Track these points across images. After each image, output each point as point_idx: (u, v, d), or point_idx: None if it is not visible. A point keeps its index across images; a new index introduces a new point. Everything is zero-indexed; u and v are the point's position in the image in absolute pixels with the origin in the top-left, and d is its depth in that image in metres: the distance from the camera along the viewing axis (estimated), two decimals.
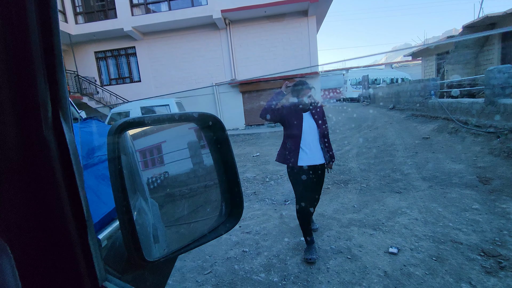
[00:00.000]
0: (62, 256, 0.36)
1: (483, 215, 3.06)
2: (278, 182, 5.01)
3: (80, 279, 0.38)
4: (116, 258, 0.52)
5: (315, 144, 2.46)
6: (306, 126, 2.44)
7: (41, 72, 0.33)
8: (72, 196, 0.36)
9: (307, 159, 2.44)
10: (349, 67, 27.58)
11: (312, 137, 2.45)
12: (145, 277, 0.54)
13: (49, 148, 0.34)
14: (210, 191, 0.85)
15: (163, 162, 0.89)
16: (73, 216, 0.36)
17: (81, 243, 0.37)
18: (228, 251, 2.82)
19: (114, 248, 0.55)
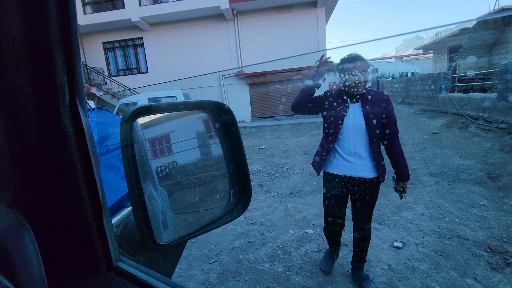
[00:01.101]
0: (79, 236, 0.38)
1: (491, 211, 3.02)
2: (283, 175, 5.02)
3: (95, 258, 0.39)
4: (128, 240, 0.54)
5: (361, 149, 1.74)
6: (349, 123, 1.74)
7: (59, 57, 0.34)
8: (88, 179, 0.37)
9: (342, 166, 1.81)
10: None
11: (356, 138, 1.74)
12: (157, 259, 0.56)
13: (66, 132, 0.35)
14: (217, 181, 0.87)
15: (171, 152, 0.90)
16: (89, 198, 0.37)
17: (97, 224, 0.39)
18: (233, 241, 2.86)
19: (126, 231, 0.57)
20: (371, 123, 1.69)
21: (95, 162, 0.38)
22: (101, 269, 0.40)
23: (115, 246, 0.42)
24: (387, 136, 1.76)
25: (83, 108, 0.38)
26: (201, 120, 0.91)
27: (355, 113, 1.75)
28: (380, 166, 1.76)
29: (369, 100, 1.72)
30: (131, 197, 0.46)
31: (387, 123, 1.73)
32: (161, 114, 0.85)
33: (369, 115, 1.70)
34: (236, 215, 0.65)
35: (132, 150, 0.47)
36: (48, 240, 0.35)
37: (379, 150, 1.77)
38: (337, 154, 1.82)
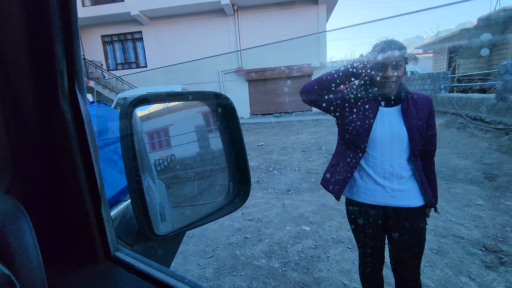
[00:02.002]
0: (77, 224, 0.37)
1: (486, 211, 3.05)
2: (281, 172, 5.03)
3: (93, 247, 0.39)
4: (126, 230, 0.54)
5: (400, 168, 1.30)
6: (384, 133, 1.30)
7: (59, 42, 0.33)
8: (87, 167, 0.37)
9: (373, 192, 1.33)
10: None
11: (394, 154, 1.30)
12: (155, 250, 0.56)
13: (64, 118, 0.35)
14: (216, 175, 0.87)
15: (170, 145, 0.90)
16: (88, 186, 0.37)
17: (95, 212, 0.38)
18: (230, 236, 2.87)
19: (124, 221, 0.57)
20: (415, 134, 1.27)
21: (94, 150, 0.37)
22: (98, 258, 0.40)
23: (113, 235, 0.42)
24: (425, 153, 1.36)
25: (82, 95, 0.37)
26: (201, 113, 0.90)
27: (392, 120, 1.30)
28: (427, 190, 1.32)
29: (412, 105, 1.30)
30: (130, 187, 0.46)
31: (428, 137, 1.33)
32: (160, 106, 0.85)
33: (413, 123, 1.27)
34: (235, 207, 0.65)
35: (132, 139, 0.47)
36: (46, 227, 0.35)
37: (422, 168, 1.35)
38: (365, 175, 1.34)
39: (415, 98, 1.33)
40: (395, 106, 1.33)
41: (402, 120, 1.30)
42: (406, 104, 1.30)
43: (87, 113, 0.37)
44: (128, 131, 0.47)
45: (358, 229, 1.44)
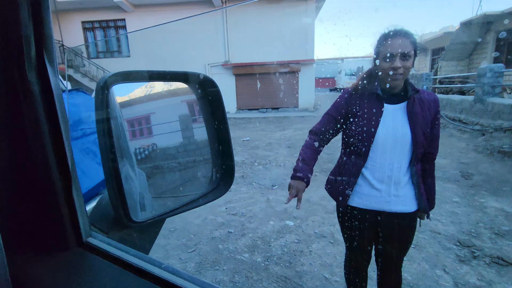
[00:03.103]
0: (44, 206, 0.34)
1: (462, 208, 3.17)
2: (266, 167, 5.03)
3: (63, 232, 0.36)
4: (101, 217, 0.50)
5: (399, 172, 1.22)
6: (385, 133, 1.20)
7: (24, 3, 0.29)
8: (56, 144, 0.34)
9: (368, 197, 1.27)
10: (344, 57, 27.56)
11: (395, 156, 1.21)
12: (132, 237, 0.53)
13: (31, 90, 0.31)
14: (199, 166, 0.83)
15: (151, 134, 0.86)
16: (57, 165, 0.34)
17: (65, 194, 0.35)
18: (213, 231, 2.84)
19: (100, 207, 0.53)
20: (419, 136, 1.17)
21: (64, 126, 0.34)
22: (69, 244, 0.37)
23: (85, 220, 0.39)
24: (426, 156, 1.27)
25: (52, 65, 0.33)
26: (185, 103, 0.86)
27: (395, 118, 1.20)
28: (422, 195, 1.25)
29: (418, 103, 1.19)
30: (105, 169, 0.42)
31: (432, 138, 1.24)
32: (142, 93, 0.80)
33: (418, 124, 1.17)
34: (218, 194, 0.62)
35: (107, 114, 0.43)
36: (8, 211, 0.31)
37: (420, 173, 1.27)
38: (362, 179, 1.27)
39: (421, 96, 1.22)
40: (400, 103, 1.21)
41: (407, 119, 1.19)
42: (412, 102, 1.19)
43: (57, 86, 0.34)
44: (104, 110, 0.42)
45: (350, 233, 1.40)
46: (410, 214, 1.28)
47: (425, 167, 1.30)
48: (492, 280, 2.02)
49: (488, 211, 3.05)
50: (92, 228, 0.46)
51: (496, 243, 2.46)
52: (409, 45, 1.12)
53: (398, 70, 1.12)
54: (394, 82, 1.16)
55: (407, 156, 1.21)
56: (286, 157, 5.58)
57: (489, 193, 3.54)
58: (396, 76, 1.14)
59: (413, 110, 1.18)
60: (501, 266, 2.16)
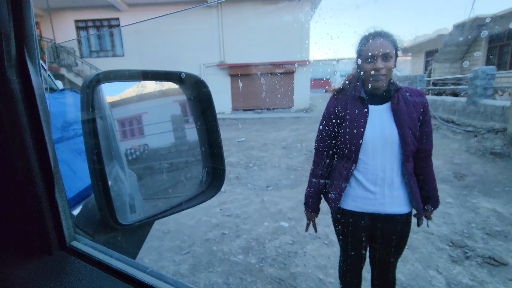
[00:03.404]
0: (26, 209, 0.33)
1: (454, 208, 3.20)
2: (261, 168, 5.02)
3: (46, 236, 0.35)
4: (87, 219, 0.49)
5: (391, 173, 1.22)
6: (374, 135, 1.20)
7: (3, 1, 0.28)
8: (38, 144, 0.32)
9: (362, 200, 1.26)
10: (339, 58, 27.75)
11: (385, 157, 1.21)
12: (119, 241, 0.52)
13: (11, 89, 0.30)
14: (191, 167, 0.82)
15: (143, 134, 0.84)
16: (39, 167, 0.33)
17: (48, 197, 0.34)
18: (207, 232, 2.82)
19: (86, 209, 0.52)
20: (407, 134, 1.16)
21: (46, 126, 0.32)
22: (52, 248, 0.36)
23: (69, 223, 0.37)
24: (421, 153, 1.25)
25: (34, 62, 0.32)
26: (177, 103, 0.85)
27: (382, 119, 1.19)
28: (416, 196, 1.24)
29: (402, 100, 1.19)
30: (91, 171, 0.41)
31: (423, 134, 1.22)
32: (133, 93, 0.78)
33: (404, 122, 1.16)
34: (208, 196, 0.61)
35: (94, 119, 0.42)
36: None
37: (413, 173, 1.25)
38: (355, 181, 1.26)
39: (406, 93, 1.22)
40: (385, 103, 1.21)
41: (392, 119, 1.19)
42: (396, 101, 1.19)
43: (39, 84, 0.32)
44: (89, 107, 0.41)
45: (345, 236, 1.39)
46: (405, 215, 1.27)
47: (421, 165, 1.28)
48: (484, 280, 2.04)
49: (480, 212, 3.09)
50: (77, 231, 0.44)
51: (488, 244, 2.49)
52: (390, 45, 1.13)
53: (381, 71, 1.13)
54: (377, 83, 1.16)
55: (398, 155, 1.21)
56: (281, 158, 5.58)
57: (481, 193, 3.58)
58: (379, 77, 1.14)
59: (398, 108, 1.18)
60: (493, 266, 2.18)
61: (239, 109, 14.02)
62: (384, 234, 1.31)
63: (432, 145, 1.28)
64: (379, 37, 1.14)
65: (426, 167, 1.29)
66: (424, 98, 1.24)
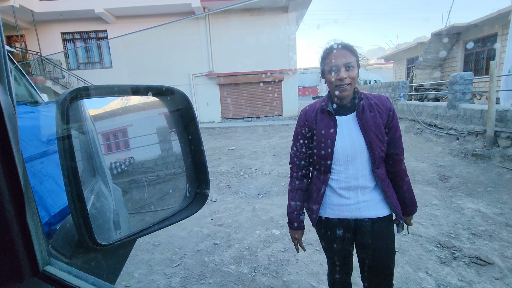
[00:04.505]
0: None
1: (441, 210, 3.28)
2: (252, 176, 5.02)
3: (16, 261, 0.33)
4: (65, 241, 0.48)
5: (363, 179, 1.24)
6: (344, 144, 1.23)
7: None
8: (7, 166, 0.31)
9: (338, 207, 1.28)
10: None
11: (357, 165, 1.24)
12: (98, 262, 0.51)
13: None
14: (179, 178, 0.82)
15: (128, 147, 0.84)
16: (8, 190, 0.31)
17: (18, 220, 0.33)
18: (198, 243, 2.78)
19: (64, 230, 0.51)
20: (374, 141, 1.20)
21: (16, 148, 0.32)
22: (23, 275, 0.34)
23: (43, 247, 0.36)
24: (391, 158, 1.28)
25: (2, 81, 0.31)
26: (163, 115, 0.85)
27: (350, 128, 1.23)
28: (392, 198, 1.26)
29: (367, 108, 1.22)
30: (67, 190, 0.40)
31: (391, 139, 1.25)
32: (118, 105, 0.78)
33: (370, 130, 1.20)
34: (192, 211, 0.61)
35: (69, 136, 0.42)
36: None
37: (386, 177, 1.28)
38: (331, 190, 1.29)
39: (370, 100, 1.24)
40: (351, 113, 1.24)
41: (359, 127, 1.22)
42: (361, 109, 1.22)
43: (8, 103, 0.31)
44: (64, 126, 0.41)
45: (328, 244, 1.38)
46: (384, 218, 1.27)
47: (392, 170, 1.30)
48: (472, 280, 2.08)
49: (465, 212, 3.17)
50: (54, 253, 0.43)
51: (474, 243, 2.55)
52: (351, 55, 1.17)
53: (345, 80, 1.15)
54: (343, 93, 1.18)
55: (368, 162, 1.23)
56: (271, 166, 5.60)
57: (465, 194, 3.69)
58: (343, 87, 1.17)
59: (363, 117, 1.21)
60: (480, 266, 2.24)
61: (228, 117, 14.05)
62: (366, 239, 1.29)
63: (402, 150, 1.29)
64: (339, 49, 1.17)
65: (399, 171, 1.30)
66: (389, 104, 1.26)
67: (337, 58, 1.15)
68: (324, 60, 1.21)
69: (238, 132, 10.75)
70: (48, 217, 1.03)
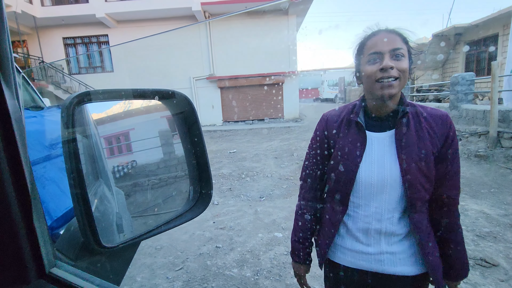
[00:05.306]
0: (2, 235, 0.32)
1: None
2: (254, 179, 5.01)
3: (23, 264, 0.34)
4: (70, 243, 0.48)
5: (390, 223, 0.89)
6: (369, 173, 0.89)
7: None
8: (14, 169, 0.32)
9: (358, 254, 0.94)
10: (326, 68, 28.36)
11: (382, 203, 0.89)
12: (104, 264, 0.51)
13: None
14: (181, 181, 0.82)
15: (131, 150, 0.84)
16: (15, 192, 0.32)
17: (25, 223, 0.33)
18: (201, 247, 2.78)
19: (68, 233, 0.51)
20: (415, 173, 0.83)
21: (23, 151, 0.32)
22: (29, 277, 0.35)
23: (49, 249, 0.36)
24: (441, 202, 0.89)
25: (9, 86, 0.32)
26: (165, 118, 0.85)
27: (382, 150, 0.87)
28: (432, 256, 0.88)
29: (414, 125, 0.86)
30: (72, 192, 0.41)
31: (443, 175, 0.86)
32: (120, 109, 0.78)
33: (411, 156, 0.83)
34: (196, 213, 0.61)
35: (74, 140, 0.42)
36: None
37: (428, 223, 0.90)
38: (344, 229, 0.95)
39: (420, 115, 0.87)
40: (389, 130, 0.88)
41: (395, 150, 0.85)
42: (404, 126, 0.85)
43: (16, 108, 0.32)
44: (70, 133, 0.41)
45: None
46: (416, 277, 0.91)
47: (440, 217, 0.90)
48: (477, 283, 2.06)
49: (469, 214, 3.15)
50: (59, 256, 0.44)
51: (479, 245, 2.53)
52: (401, 42, 0.83)
53: (391, 72, 0.80)
54: (388, 90, 0.81)
55: (400, 202, 0.87)
56: (273, 168, 5.59)
57: (469, 196, 3.66)
58: (388, 80, 0.80)
59: (405, 136, 0.84)
60: (485, 268, 2.22)
61: (230, 120, 14.07)
62: None
63: (458, 191, 0.90)
64: (385, 32, 0.84)
65: (448, 220, 0.90)
66: (448, 123, 0.87)
67: (381, 43, 0.82)
68: (361, 49, 0.88)
69: (240, 135, 10.76)
70: (51, 221, 1.03)
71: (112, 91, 0.55)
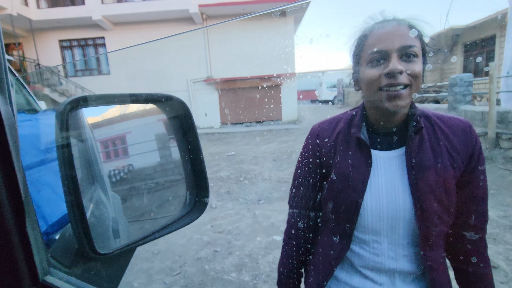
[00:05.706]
0: None
1: None
2: (252, 182, 4.99)
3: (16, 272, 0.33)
4: (64, 250, 0.47)
5: (408, 261, 0.69)
6: (376, 202, 0.67)
7: None
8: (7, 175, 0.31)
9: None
10: (324, 70, 28.47)
11: (394, 238, 0.68)
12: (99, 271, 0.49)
13: None
14: (179, 185, 0.81)
15: (127, 154, 0.83)
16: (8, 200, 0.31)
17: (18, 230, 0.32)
18: (199, 251, 2.74)
19: (63, 238, 0.50)
20: (430, 202, 0.65)
21: (16, 157, 0.31)
22: (23, 285, 0.34)
23: (42, 257, 0.36)
24: (465, 233, 0.72)
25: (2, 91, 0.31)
26: (162, 121, 0.84)
27: (391, 174, 0.69)
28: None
29: (429, 141, 0.68)
30: (66, 198, 0.39)
31: (466, 201, 0.70)
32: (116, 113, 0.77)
33: (427, 182, 0.65)
34: (192, 218, 0.60)
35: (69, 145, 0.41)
36: None
37: (444, 261, 0.73)
38: (348, 264, 0.77)
39: (436, 126, 0.69)
40: (398, 148, 0.69)
41: (407, 175, 0.67)
42: (416, 142, 0.67)
43: (9, 113, 0.31)
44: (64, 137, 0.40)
45: None
46: None
47: (464, 252, 0.74)
48: None
49: None
50: (53, 263, 0.42)
51: None
52: (413, 38, 0.62)
53: (399, 77, 0.60)
54: (395, 101, 0.61)
55: (414, 236, 0.69)
56: (271, 171, 5.57)
57: None
58: (396, 90, 0.61)
59: (418, 157, 0.66)
60: None
61: (227, 123, 14.06)
62: None
63: (486, 218, 0.72)
64: (392, 24, 0.63)
65: (480, 253, 0.73)
66: (473, 135, 0.68)
67: (387, 39, 0.62)
68: (360, 46, 0.67)
69: (238, 137, 10.74)
70: (46, 226, 1.00)
71: (108, 96, 0.54)
